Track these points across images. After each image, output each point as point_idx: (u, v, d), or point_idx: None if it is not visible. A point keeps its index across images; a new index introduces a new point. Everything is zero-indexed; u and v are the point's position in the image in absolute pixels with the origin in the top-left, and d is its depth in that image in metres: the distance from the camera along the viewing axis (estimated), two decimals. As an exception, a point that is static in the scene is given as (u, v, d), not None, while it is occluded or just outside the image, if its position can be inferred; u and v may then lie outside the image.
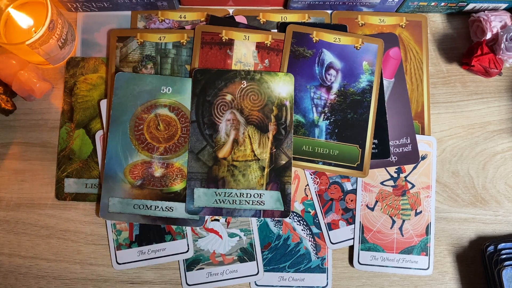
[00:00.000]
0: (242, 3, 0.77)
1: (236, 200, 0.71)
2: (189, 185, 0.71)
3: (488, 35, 0.75)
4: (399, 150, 0.74)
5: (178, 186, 0.71)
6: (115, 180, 0.71)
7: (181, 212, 0.71)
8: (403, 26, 0.78)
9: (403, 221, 0.74)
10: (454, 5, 0.76)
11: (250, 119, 0.72)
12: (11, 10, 0.69)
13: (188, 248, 0.72)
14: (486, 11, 0.77)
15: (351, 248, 0.74)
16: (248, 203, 0.71)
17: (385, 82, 0.75)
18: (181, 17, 0.77)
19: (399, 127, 0.75)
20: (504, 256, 0.69)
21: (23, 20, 0.69)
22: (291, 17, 0.78)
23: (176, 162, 0.71)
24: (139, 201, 0.71)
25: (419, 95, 0.76)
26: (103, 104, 0.73)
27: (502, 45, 0.73)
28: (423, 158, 0.75)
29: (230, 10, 0.78)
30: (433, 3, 0.76)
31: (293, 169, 0.73)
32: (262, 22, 0.77)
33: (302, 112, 0.73)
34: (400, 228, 0.73)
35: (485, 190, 0.76)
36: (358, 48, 0.75)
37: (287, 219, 0.73)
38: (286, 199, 0.71)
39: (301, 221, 0.74)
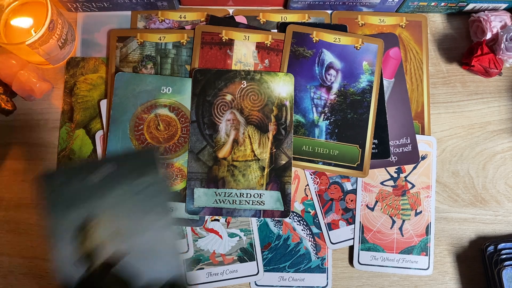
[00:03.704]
0: (242, 3, 0.77)
1: (236, 200, 0.71)
2: (189, 185, 0.71)
3: (488, 35, 0.75)
4: (399, 150, 0.74)
5: (178, 186, 0.71)
6: (115, 180, 0.71)
7: (181, 212, 0.71)
8: (403, 26, 0.78)
9: (403, 221, 0.74)
10: (454, 5, 0.76)
11: (250, 119, 0.72)
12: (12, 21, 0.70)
13: (188, 248, 0.72)
14: (486, 11, 0.77)
15: (351, 248, 0.74)
16: (248, 203, 0.71)
17: (385, 82, 0.75)
18: (181, 17, 0.77)
19: (399, 127, 0.75)
20: (504, 256, 0.69)
21: (23, 20, 0.69)
22: (291, 17, 0.78)
23: (176, 162, 0.71)
24: (139, 201, 0.71)
25: (419, 95, 0.76)
26: (103, 104, 0.73)
27: (502, 45, 0.73)
28: (423, 158, 0.75)
29: (230, 10, 0.78)
30: (433, 3, 0.76)
31: (293, 169, 0.73)
32: (262, 22, 0.77)
33: (302, 112, 0.73)
34: (400, 228, 0.73)
35: (485, 190, 0.76)
36: (358, 48, 0.75)
37: (287, 219, 0.73)
38: (286, 199, 0.71)
39: (301, 221, 0.74)
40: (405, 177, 0.74)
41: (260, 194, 0.71)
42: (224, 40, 0.74)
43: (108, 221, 0.50)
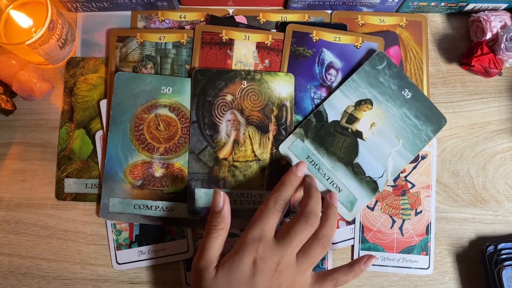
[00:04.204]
0: (242, 3, 0.77)
1: (236, 201, 0.71)
2: (190, 186, 0.71)
3: (488, 35, 0.75)
4: (399, 149, 0.74)
5: (178, 186, 0.71)
6: (115, 180, 0.71)
7: (181, 212, 0.71)
8: (403, 26, 0.78)
9: (403, 220, 0.74)
10: (454, 5, 0.76)
11: (251, 119, 0.72)
12: (12, 12, 0.69)
13: (188, 248, 0.72)
14: (486, 11, 0.77)
15: (351, 248, 0.74)
16: (249, 203, 0.71)
17: (385, 82, 0.75)
18: (181, 17, 0.77)
19: (399, 127, 0.75)
20: (504, 256, 0.69)
21: (23, 20, 0.69)
22: (291, 17, 0.77)
23: (176, 162, 0.71)
24: (140, 201, 0.71)
25: (419, 95, 0.76)
26: (103, 104, 0.73)
27: (502, 45, 0.73)
28: (423, 158, 0.75)
29: (230, 10, 0.78)
30: (433, 3, 0.76)
31: (293, 169, 0.73)
32: (262, 22, 0.77)
33: (302, 112, 0.73)
34: (400, 228, 0.73)
35: (485, 190, 0.76)
36: (358, 47, 0.75)
37: (287, 219, 0.73)
38: (286, 199, 0.71)
39: (301, 221, 0.74)
40: (405, 176, 0.75)
41: (261, 194, 0.71)
42: (224, 40, 0.74)
43: (374, 113, 0.72)
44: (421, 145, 0.72)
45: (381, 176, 0.71)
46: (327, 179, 0.71)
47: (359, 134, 0.72)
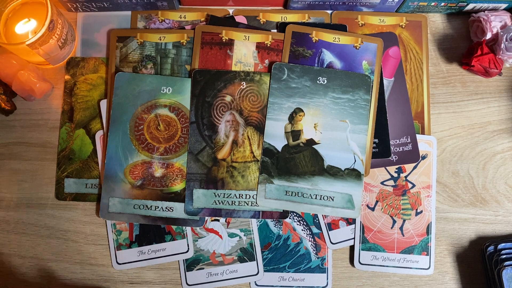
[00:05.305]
0: (242, 3, 0.77)
1: (235, 201, 0.71)
2: (188, 186, 0.71)
3: (488, 35, 0.75)
4: (399, 149, 0.74)
5: (178, 186, 0.71)
6: (115, 180, 0.71)
7: (181, 212, 0.71)
8: (403, 26, 0.78)
9: (404, 220, 0.74)
10: (454, 5, 0.76)
11: (250, 120, 0.72)
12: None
13: (188, 248, 0.72)
14: (486, 11, 0.77)
15: (352, 248, 0.74)
16: (247, 204, 0.71)
17: (384, 82, 0.75)
18: (181, 17, 0.77)
19: (400, 126, 0.75)
20: (504, 256, 0.69)
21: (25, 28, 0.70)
22: (291, 17, 0.77)
23: (176, 162, 0.71)
24: (139, 201, 0.71)
25: (419, 95, 0.76)
26: (103, 104, 0.74)
27: (502, 45, 0.73)
28: (424, 157, 0.75)
29: (230, 10, 0.78)
30: (433, 3, 0.76)
31: (293, 169, 0.73)
32: (262, 22, 0.77)
33: (302, 112, 0.73)
34: (401, 228, 0.73)
35: (485, 190, 0.76)
36: (357, 47, 0.75)
37: (287, 219, 0.73)
38: (286, 199, 0.71)
39: (301, 221, 0.74)
40: (406, 176, 0.74)
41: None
42: (224, 40, 0.74)
43: (309, 116, 0.71)
44: (365, 111, 0.72)
45: (355, 161, 0.72)
46: (315, 198, 0.71)
47: (311, 142, 0.72)
